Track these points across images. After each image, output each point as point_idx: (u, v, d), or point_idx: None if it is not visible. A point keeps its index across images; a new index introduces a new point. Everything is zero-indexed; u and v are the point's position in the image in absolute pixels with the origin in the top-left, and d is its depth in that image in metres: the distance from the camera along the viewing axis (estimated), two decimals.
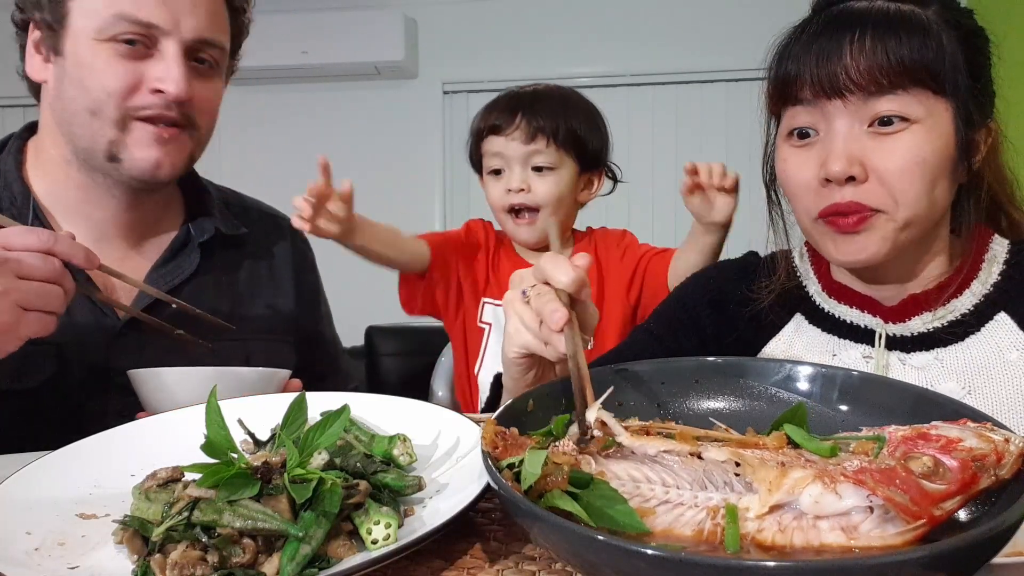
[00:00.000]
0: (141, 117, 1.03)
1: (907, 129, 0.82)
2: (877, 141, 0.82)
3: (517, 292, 0.76)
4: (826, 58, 0.82)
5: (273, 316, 1.24)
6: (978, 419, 0.54)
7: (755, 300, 1.00)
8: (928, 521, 0.46)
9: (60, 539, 0.59)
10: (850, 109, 0.83)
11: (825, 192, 0.84)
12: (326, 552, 0.54)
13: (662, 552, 0.41)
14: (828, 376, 0.67)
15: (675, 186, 4.00)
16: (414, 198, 3.86)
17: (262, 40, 4.36)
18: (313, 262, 1.38)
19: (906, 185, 0.82)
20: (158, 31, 1.02)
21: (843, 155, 0.82)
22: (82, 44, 1.02)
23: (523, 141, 1.46)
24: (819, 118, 0.85)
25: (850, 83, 0.81)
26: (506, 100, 1.52)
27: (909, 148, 0.81)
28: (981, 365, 0.86)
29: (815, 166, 0.85)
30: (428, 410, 0.77)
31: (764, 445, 0.56)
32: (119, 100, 1.02)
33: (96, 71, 1.01)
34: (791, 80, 0.86)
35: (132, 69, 1.02)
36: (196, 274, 1.15)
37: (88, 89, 1.02)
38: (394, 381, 3.43)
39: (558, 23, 3.74)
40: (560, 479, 0.52)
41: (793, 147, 0.88)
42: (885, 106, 0.81)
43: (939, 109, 0.82)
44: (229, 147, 3.92)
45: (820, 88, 0.83)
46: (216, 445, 0.57)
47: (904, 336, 0.90)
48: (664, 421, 0.69)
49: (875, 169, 0.82)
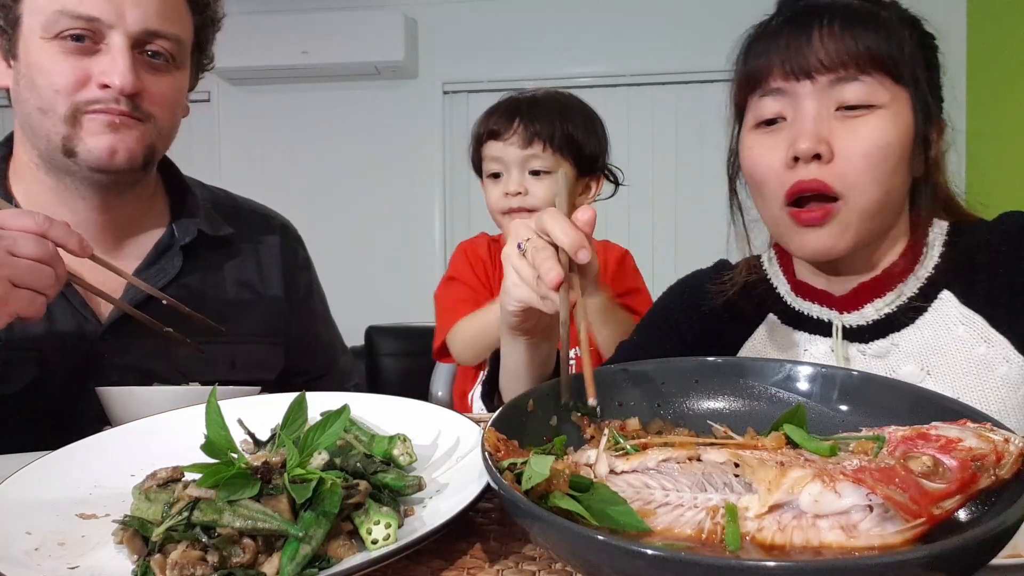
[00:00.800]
0: (91, 111, 1.02)
1: (872, 114, 0.85)
2: (844, 123, 0.86)
3: (514, 245, 0.76)
4: (795, 42, 0.87)
5: (260, 318, 1.22)
6: (978, 419, 0.54)
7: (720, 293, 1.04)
8: (928, 520, 0.46)
9: (60, 539, 0.59)
10: (818, 91, 0.86)
11: (790, 174, 0.87)
12: (326, 552, 0.54)
13: (662, 552, 0.41)
14: (828, 376, 0.67)
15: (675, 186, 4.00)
16: (414, 198, 3.86)
17: (262, 40, 4.35)
18: (307, 260, 1.36)
19: (869, 167, 0.85)
20: (102, 24, 1.00)
21: (812, 134, 0.85)
22: (32, 45, 1.01)
23: (520, 146, 1.49)
24: (786, 105, 0.88)
25: (819, 64, 0.85)
26: (505, 105, 1.54)
27: (874, 131, 0.85)
28: (935, 344, 0.89)
29: (783, 148, 0.87)
30: (428, 410, 0.77)
31: (763, 446, 0.56)
32: (66, 96, 1.01)
33: (44, 70, 1.01)
34: (759, 70, 0.90)
35: (78, 65, 1.01)
36: (179, 277, 1.14)
37: (38, 88, 1.01)
38: (394, 381, 3.43)
39: (558, 23, 3.74)
40: (561, 483, 0.52)
41: (761, 134, 0.91)
42: (852, 94, 0.85)
43: (901, 97, 0.86)
44: (229, 147, 3.92)
45: (790, 70, 0.87)
46: (216, 445, 0.57)
47: (861, 325, 0.93)
48: (664, 422, 0.69)
49: (840, 151, 0.85)
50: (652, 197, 3.59)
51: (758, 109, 0.91)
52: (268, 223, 1.31)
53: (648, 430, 0.68)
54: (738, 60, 0.95)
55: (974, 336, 0.87)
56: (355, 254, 3.84)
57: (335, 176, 3.87)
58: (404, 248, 3.84)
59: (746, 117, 0.95)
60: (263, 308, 1.23)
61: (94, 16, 1.00)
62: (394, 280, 3.82)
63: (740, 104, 0.96)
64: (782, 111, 0.89)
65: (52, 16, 0.99)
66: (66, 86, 1.01)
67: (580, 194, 1.57)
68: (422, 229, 3.87)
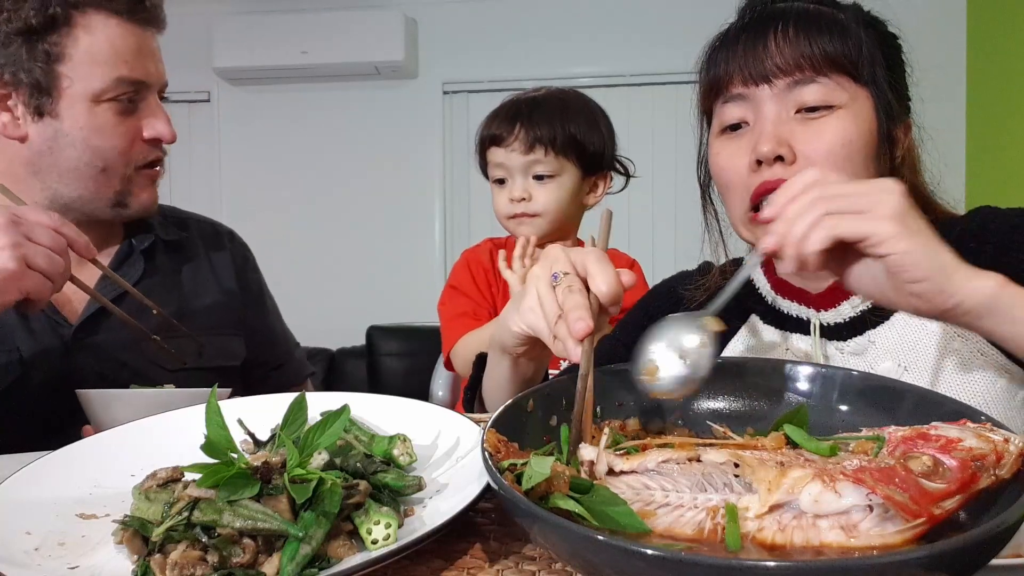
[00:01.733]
0: (143, 167, 1.16)
1: (832, 114, 0.86)
2: (804, 125, 0.87)
3: (547, 271, 0.72)
4: (752, 48, 0.88)
5: (221, 312, 1.31)
6: (977, 419, 0.55)
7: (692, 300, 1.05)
8: (928, 520, 0.46)
9: (60, 539, 0.59)
10: (777, 95, 0.87)
11: (755, 177, 0.88)
12: (326, 552, 0.54)
13: (662, 552, 0.41)
14: (828, 376, 0.67)
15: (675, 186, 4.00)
16: (414, 198, 3.86)
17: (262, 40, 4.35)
18: (255, 263, 1.46)
19: (833, 167, 0.84)
20: (143, 86, 1.13)
21: (772, 136, 0.86)
22: (81, 107, 1.10)
23: (522, 151, 1.49)
24: (748, 110, 0.90)
25: (776, 69, 0.86)
26: (506, 110, 1.54)
27: (835, 131, 0.85)
28: (910, 340, 0.89)
29: (746, 152, 0.88)
30: (428, 410, 0.77)
31: (763, 446, 0.56)
32: (125, 155, 1.13)
33: (103, 132, 1.11)
34: (720, 76, 0.91)
35: (131, 125, 1.13)
36: (141, 280, 1.23)
37: (95, 148, 1.11)
38: (394, 381, 3.44)
39: (558, 23, 3.74)
40: (561, 484, 0.52)
41: (725, 140, 0.93)
42: (810, 95, 0.86)
43: (861, 96, 0.87)
44: (229, 147, 3.92)
45: (748, 76, 0.88)
46: (216, 445, 0.57)
47: (838, 323, 0.93)
48: (664, 422, 0.69)
49: (803, 152, 0.86)
50: (652, 197, 3.59)
51: (722, 115, 0.93)
52: (216, 230, 1.42)
53: (648, 430, 0.68)
54: (702, 68, 0.96)
55: (948, 331, 0.87)
56: (355, 254, 3.84)
57: (335, 176, 3.87)
58: (404, 248, 3.84)
59: (712, 123, 0.96)
60: (222, 304, 1.32)
61: (142, 80, 1.13)
62: (394, 280, 3.82)
63: (707, 111, 0.97)
64: (744, 116, 0.90)
65: (111, 83, 1.10)
66: (125, 146, 1.13)
67: (588, 193, 1.56)
68: (422, 229, 3.87)
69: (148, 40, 1.14)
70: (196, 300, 1.29)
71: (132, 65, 1.11)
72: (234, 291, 1.35)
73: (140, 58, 1.12)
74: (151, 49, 1.15)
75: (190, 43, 3.66)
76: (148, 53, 1.14)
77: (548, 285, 0.71)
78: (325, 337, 3.58)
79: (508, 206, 1.53)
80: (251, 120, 3.90)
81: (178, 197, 3.92)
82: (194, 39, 3.58)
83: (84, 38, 1.08)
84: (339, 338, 3.62)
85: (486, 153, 1.56)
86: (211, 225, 1.42)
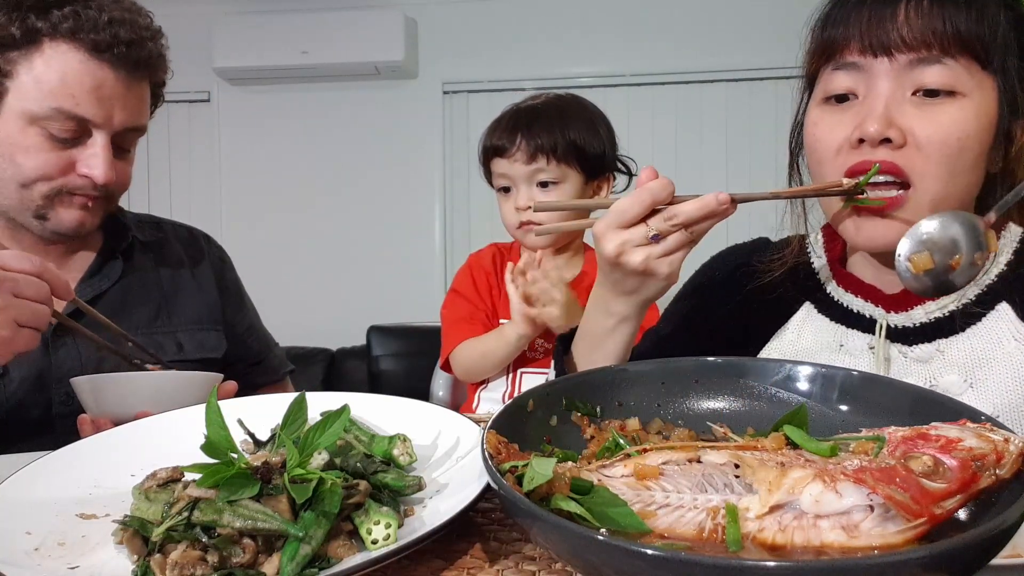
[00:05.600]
0: (68, 193, 1.14)
1: (953, 101, 0.79)
2: (921, 109, 0.79)
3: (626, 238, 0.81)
4: (879, 16, 0.80)
5: (199, 308, 1.34)
6: (977, 419, 0.54)
7: (767, 273, 0.98)
8: (928, 519, 0.46)
9: (60, 539, 0.59)
10: (895, 71, 0.80)
11: (854, 155, 0.81)
12: (326, 552, 0.54)
13: (662, 552, 0.41)
14: (828, 376, 0.67)
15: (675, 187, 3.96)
16: (414, 198, 3.86)
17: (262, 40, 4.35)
18: (231, 264, 1.48)
19: (944, 159, 0.78)
20: (91, 124, 1.11)
21: (883, 117, 0.79)
22: (14, 124, 1.09)
23: (524, 161, 1.51)
24: (860, 81, 0.82)
25: (901, 42, 0.78)
26: (506, 120, 1.56)
27: (956, 121, 0.78)
28: (982, 357, 0.84)
29: (849, 128, 0.81)
30: (428, 410, 0.77)
31: (763, 447, 0.56)
32: (49, 181, 1.11)
33: (30, 153, 1.10)
34: (837, 39, 0.83)
35: (63, 154, 1.11)
36: (121, 279, 1.26)
37: (19, 166, 1.10)
38: (394, 381, 3.43)
39: (558, 23, 3.73)
40: (562, 485, 0.52)
41: (828, 109, 0.85)
42: (933, 77, 0.78)
43: (987, 86, 0.80)
44: (229, 147, 3.92)
45: (868, 44, 0.80)
46: (216, 445, 0.57)
47: (907, 327, 0.88)
48: (664, 422, 0.69)
49: (915, 136, 0.78)
50: None
51: (829, 82, 0.84)
52: (191, 232, 1.44)
53: (648, 430, 0.68)
54: (815, 26, 0.87)
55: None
56: (355, 254, 3.84)
57: (335, 176, 3.87)
58: (404, 248, 3.84)
59: (815, 89, 0.88)
60: (200, 300, 1.35)
61: (86, 118, 1.10)
62: (395, 280, 3.81)
63: (811, 74, 0.89)
64: (854, 87, 0.82)
65: (47, 111, 1.08)
66: (50, 173, 1.11)
67: (592, 196, 1.57)
68: (422, 229, 3.87)
69: (116, 83, 1.11)
70: (176, 297, 1.32)
71: (79, 100, 1.08)
72: (213, 289, 1.38)
73: (93, 97, 1.09)
74: (117, 92, 1.11)
75: (190, 43, 3.65)
76: (109, 95, 1.10)
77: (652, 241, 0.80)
78: (325, 337, 3.59)
79: (514, 215, 1.55)
80: (251, 120, 3.89)
81: (178, 197, 3.94)
82: (194, 39, 3.57)
83: (39, 64, 1.08)
84: (339, 338, 3.62)
85: (490, 164, 1.59)
86: (186, 229, 1.44)
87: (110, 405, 0.95)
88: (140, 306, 1.25)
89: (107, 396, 0.96)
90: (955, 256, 0.53)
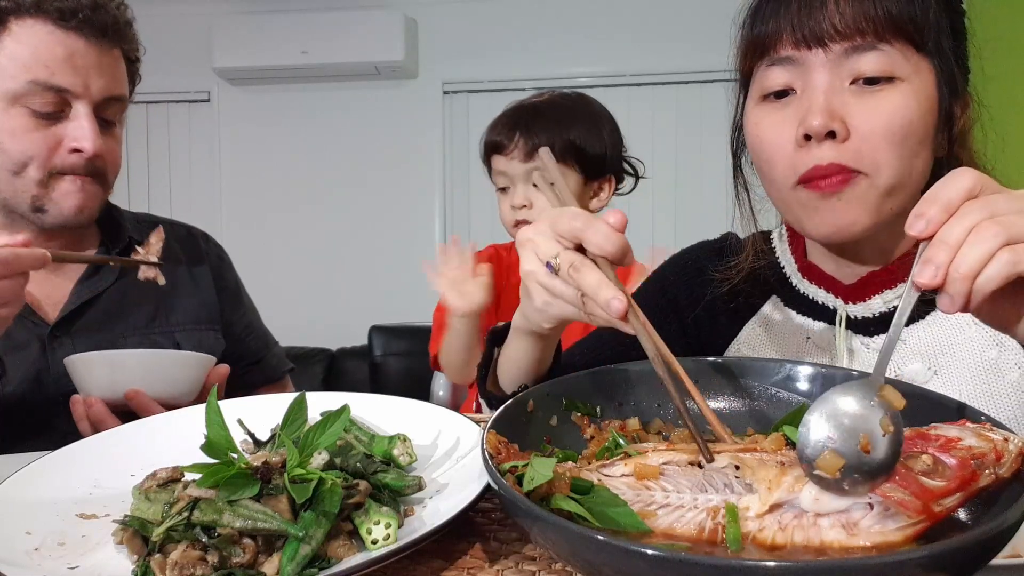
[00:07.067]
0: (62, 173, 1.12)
1: (892, 87, 0.77)
2: (860, 98, 0.78)
3: (537, 264, 0.66)
4: (808, 6, 0.78)
5: (197, 308, 1.33)
6: (977, 419, 0.54)
7: (727, 281, 0.97)
8: (928, 517, 0.46)
9: (60, 539, 0.59)
10: (831, 62, 0.78)
11: (803, 154, 0.79)
12: (326, 552, 0.54)
13: (662, 552, 0.41)
14: (828, 376, 0.67)
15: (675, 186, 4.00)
16: (414, 198, 3.86)
17: (262, 40, 4.35)
18: (230, 263, 1.47)
19: (890, 146, 0.77)
20: (69, 95, 1.10)
21: (824, 110, 0.77)
22: None
23: (522, 160, 1.51)
24: (796, 76, 0.80)
25: (834, 32, 0.77)
26: (507, 117, 1.56)
27: (897, 108, 0.77)
28: (944, 344, 0.84)
29: (792, 125, 0.80)
30: (428, 410, 0.77)
31: (763, 448, 0.56)
32: (41, 162, 1.10)
33: (15, 135, 1.09)
34: (768, 34, 0.81)
35: (49, 132, 1.10)
36: (119, 278, 1.25)
37: (8, 151, 1.09)
38: (395, 381, 3.44)
39: (558, 23, 3.73)
40: (562, 485, 0.52)
41: (767, 107, 0.83)
42: (870, 64, 0.77)
43: (924, 68, 0.79)
44: (229, 147, 3.92)
45: (801, 37, 0.78)
46: (216, 445, 0.57)
47: (866, 317, 0.88)
48: (664, 422, 0.69)
49: (857, 128, 0.77)
50: (652, 197, 3.59)
51: (765, 79, 0.83)
52: (189, 231, 1.43)
53: (648, 430, 0.68)
54: (744, 22, 0.86)
55: (986, 338, 0.82)
56: (355, 254, 3.84)
57: (335, 176, 3.87)
58: (405, 248, 3.84)
59: (751, 88, 0.86)
60: (199, 299, 1.34)
61: (64, 88, 1.09)
62: (395, 280, 3.81)
63: (745, 73, 0.88)
64: (791, 82, 0.81)
65: (24, 86, 1.07)
66: (40, 153, 1.10)
67: (592, 197, 1.57)
68: (422, 229, 3.86)
69: (88, 51, 1.11)
70: (174, 296, 1.31)
71: (54, 71, 1.07)
72: (211, 288, 1.37)
73: (68, 66, 1.08)
74: (90, 60, 1.11)
75: (190, 43, 3.66)
76: (83, 63, 1.10)
77: (548, 276, 0.65)
78: (325, 337, 3.59)
79: (511, 213, 1.55)
80: (251, 120, 3.89)
81: (178, 197, 3.94)
82: (194, 39, 3.58)
83: (9, 42, 1.07)
84: (340, 338, 3.62)
85: (490, 160, 1.59)
86: (184, 228, 1.44)
87: (101, 382, 0.95)
88: (138, 306, 1.25)
89: (98, 373, 0.96)
90: (860, 437, 0.47)
